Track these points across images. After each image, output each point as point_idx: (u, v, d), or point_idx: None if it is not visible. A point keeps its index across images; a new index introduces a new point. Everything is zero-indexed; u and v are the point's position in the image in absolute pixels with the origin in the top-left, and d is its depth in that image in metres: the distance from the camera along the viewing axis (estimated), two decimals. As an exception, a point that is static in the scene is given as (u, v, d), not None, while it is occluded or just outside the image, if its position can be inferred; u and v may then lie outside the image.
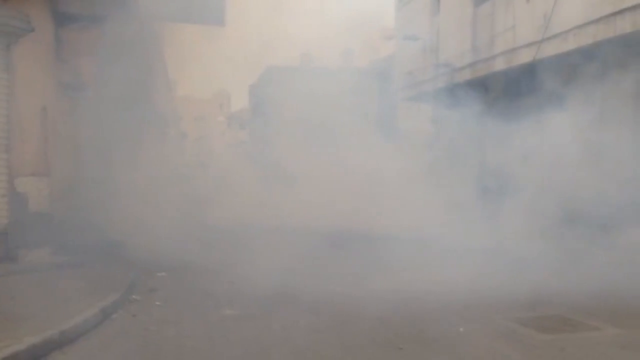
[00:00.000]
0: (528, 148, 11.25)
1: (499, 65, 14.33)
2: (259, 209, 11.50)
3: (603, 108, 11.49)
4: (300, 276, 8.48)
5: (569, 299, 7.54)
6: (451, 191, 11.49)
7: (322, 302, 7.32)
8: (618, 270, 9.07)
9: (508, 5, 13.94)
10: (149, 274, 8.98)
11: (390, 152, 12.73)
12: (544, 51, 12.43)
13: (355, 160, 11.95)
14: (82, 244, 10.14)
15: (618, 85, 11.06)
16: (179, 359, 5.48)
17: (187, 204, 11.52)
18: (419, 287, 7.98)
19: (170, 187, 11.98)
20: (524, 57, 13.14)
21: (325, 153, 12.31)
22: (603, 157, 10.40)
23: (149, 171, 11.97)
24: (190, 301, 7.57)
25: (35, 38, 9.89)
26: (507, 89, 14.50)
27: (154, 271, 9.11)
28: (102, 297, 7.11)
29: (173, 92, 17.96)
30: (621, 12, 10.48)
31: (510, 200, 11.25)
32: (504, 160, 11.63)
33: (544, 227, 10.02)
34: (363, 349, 5.77)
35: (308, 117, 13.61)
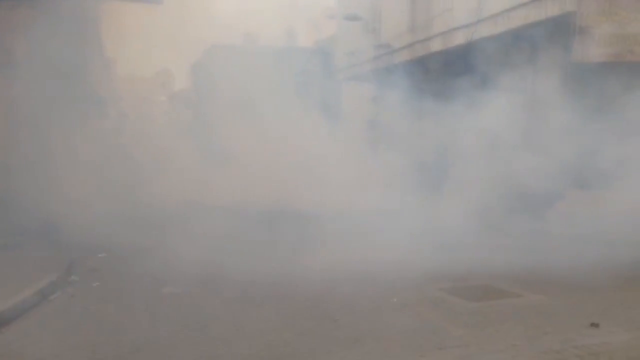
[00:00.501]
0: (465, 128, 11.57)
1: (436, 46, 14.66)
2: (199, 188, 11.50)
3: (535, 88, 11.98)
4: (238, 254, 8.52)
5: (497, 271, 7.92)
6: (389, 171, 11.74)
7: (259, 280, 7.47)
8: (547, 244, 9.56)
9: (445, -13, 14.23)
10: (89, 255, 8.94)
11: (330, 131, 12.90)
12: (478, 33, 12.79)
13: (296, 139, 12.07)
14: (19, 226, 9.96)
15: (549, 66, 11.53)
16: (118, 335, 5.55)
17: (127, 184, 11.40)
18: (354, 263, 8.17)
19: (109, 167, 11.80)
20: (460, 39, 13.50)
21: (267, 132, 12.37)
22: (535, 137, 10.86)
23: (87, 151, 11.77)
24: (130, 281, 7.60)
25: (-36, 15, 9.57)
26: (445, 70, 14.84)
27: (93, 252, 9.07)
28: (39, 278, 7.10)
29: (112, 71, 17.52)
30: (550, -6, 10.89)
31: (447, 179, 11.59)
32: (441, 140, 11.95)
33: (480, 206, 10.36)
34: (300, 321, 5.98)
35: (250, 96, 13.59)
